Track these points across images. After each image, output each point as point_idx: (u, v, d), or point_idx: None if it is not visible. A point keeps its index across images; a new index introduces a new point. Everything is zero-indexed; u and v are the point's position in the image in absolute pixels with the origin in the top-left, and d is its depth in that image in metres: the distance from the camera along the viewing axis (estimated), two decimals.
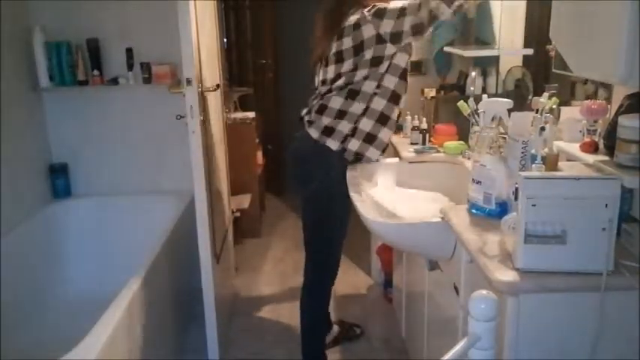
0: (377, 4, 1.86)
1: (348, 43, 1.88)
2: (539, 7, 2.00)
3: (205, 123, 2.12)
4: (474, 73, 2.39)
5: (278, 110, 4.56)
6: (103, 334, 1.60)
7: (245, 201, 3.47)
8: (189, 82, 1.93)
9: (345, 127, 1.92)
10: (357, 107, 1.91)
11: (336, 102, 1.93)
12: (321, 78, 2.00)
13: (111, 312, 1.72)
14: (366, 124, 1.93)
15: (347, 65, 1.89)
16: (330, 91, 1.95)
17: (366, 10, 1.86)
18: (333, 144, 1.93)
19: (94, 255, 2.72)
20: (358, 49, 1.86)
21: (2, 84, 2.34)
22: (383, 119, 1.94)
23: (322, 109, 1.95)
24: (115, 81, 2.67)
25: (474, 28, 2.53)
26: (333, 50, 1.91)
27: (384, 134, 1.97)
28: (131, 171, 2.86)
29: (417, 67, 2.74)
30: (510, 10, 2.25)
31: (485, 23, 2.42)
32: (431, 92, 2.48)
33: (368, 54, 1.86)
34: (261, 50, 4.45)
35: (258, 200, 3.79)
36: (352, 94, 1.91)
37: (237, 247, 3.27)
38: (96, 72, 2.65)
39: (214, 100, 2.41)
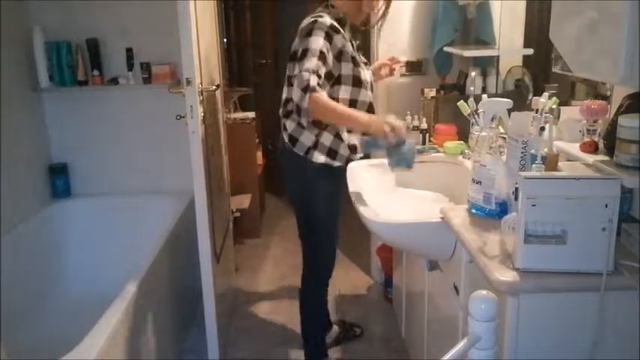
0: (314, 21, 1.81)
1: (295, 45, 1.86)
2: (539, 7, 2.00)
3: (205, 123, 2.12)
4: (473, 73, 2.39)
5: (278, 110, 4.56)
6: (103, 334, 1.60)
7: (245, 201, 3.47)
8: (189, 82, 1.92)
9: (307, 138, 1.93)
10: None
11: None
12: (287, 74, 1.98)
13: (111, 312, 1.72)
14: (327, 138, 1.93)
15: (295, 69, 1.85)
16: (290, 88, 1.93)
17: (310, 17, 1.84)
18: (299, 151, 1.95)
19: (94, 255, 2.72)
20: (294, 57, 1.84)
21: (2, 84, 2.34)
22: (340, 135, 1.94)
23: (288, 114, 1.97)
24: (114, 81, 2.67)
25: (474, 28, 2.54)
26: (292, 48, 1.90)
27: (344, 150, 1.96)
28: (131, 171, 2.86)
29: (417, 67, 2.73)
30: (510, 10, 2.25)
31: (486, 23, 2.42)
32: (431, 92, 2.48)
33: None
34: (261, 50, 4.45)
35: (258, 200, 3.79)
36: None
37: (237, 247, 3.27)
38: (96, 72, 2.65)
39: (214, 100, 2.41)
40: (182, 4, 1.86)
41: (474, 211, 1.50)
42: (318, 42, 1.76)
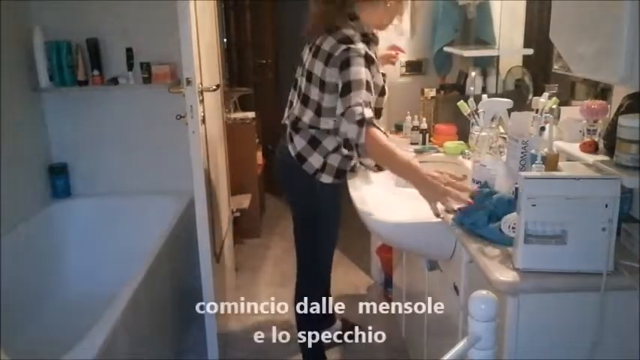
0: (347, 48, 1.69)
1: (318, 69, 1.77)
2: (539, 7, 2.00)
3: (205, 123, 2.12)
4: (473, 73, 2.39)
5: (278, 110, 4.55)
6: (103, 334, 1.60)
7: (245, 201, 3.47)
8: (189, 82, 1.92)
9: (316, 160, 1.87)
10: (328, 142, 1.85)
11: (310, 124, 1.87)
12: (299, 84, 1.91)
13: (111, 312, 1.72)
14: (335, 159, 1.88)
15: (314, 93, 1.81)
16: (304, 107, 1.88)
17: (337, 39, 1.73)
18: (308, 170, 1.90)
19: (94, 255, 2.72)
20: (322, 85, 1.77)
21: (2, 84, 2.34)
22: (349, 157, 1.88)
23: (298, 130, 1.89)
24: (114, 81, 2.67)
25: (474, 28, 2.54)
26: (307, 65, 1.83)
27: (350, 166, 1.94)
28: (131, 171, 2.86)
29: (417, 67, 2.73)
30: (510, 10, 2.25)
31: (486, 23, 2.42)
32: (431, 92, 2.48)
33: (328, 100, 1.77)
34: (261, 50, 4.45)
35: (258, 200, 3.79)
36: (324, 131, 1.84)
37: (237, 247, 3.27)
38: (96, 72, 2.64)
39: (214, 100, 2.41)
40: (182, 4, 1.86)
41: None
42: (360, 72, 1.66)
